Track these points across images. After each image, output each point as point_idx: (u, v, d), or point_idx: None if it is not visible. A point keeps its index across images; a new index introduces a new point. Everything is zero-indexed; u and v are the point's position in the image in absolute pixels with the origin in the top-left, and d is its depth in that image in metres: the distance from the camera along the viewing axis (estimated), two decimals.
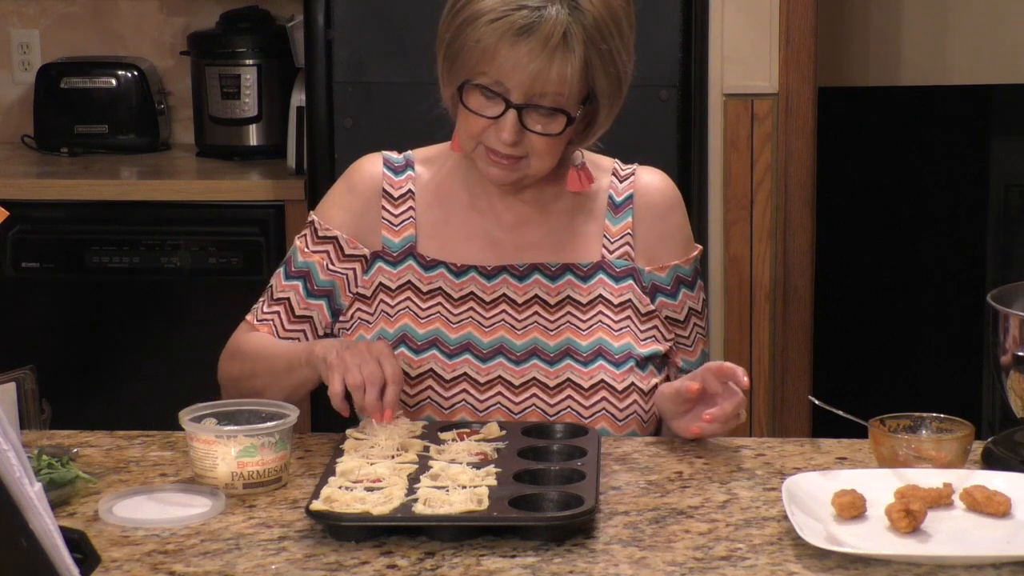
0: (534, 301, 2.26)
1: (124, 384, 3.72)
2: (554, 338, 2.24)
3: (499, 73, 2.12)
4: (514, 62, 2.11)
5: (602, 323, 2.25)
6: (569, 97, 2.14)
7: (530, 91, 2.12)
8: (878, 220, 4.79)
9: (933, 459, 1.97)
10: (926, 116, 4.72)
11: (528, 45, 2.10)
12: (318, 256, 2.29)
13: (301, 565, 1.74)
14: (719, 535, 1.82)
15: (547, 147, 2.17)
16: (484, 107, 2.15)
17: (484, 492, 1.83)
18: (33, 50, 4.28)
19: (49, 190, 3.78)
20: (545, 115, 2.15)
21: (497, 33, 2.11)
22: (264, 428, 1.98)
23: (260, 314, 2.31)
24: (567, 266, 2.27)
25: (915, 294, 4.84)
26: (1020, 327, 1.99)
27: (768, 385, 3.68)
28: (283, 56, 3.99)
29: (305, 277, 2.29)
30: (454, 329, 2.24)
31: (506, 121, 2.14)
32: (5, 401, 2.08)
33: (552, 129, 2.16)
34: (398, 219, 2.29)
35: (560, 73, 2.11)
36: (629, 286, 2.28)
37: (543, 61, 2.11)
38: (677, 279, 2.30)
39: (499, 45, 2.11)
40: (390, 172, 2.31)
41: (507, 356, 2.24)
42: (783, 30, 3.59)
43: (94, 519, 1.89)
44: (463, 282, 2.27)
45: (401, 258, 2.28)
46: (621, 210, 2.30)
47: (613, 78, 2.17)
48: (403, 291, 2.27)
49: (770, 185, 3.62)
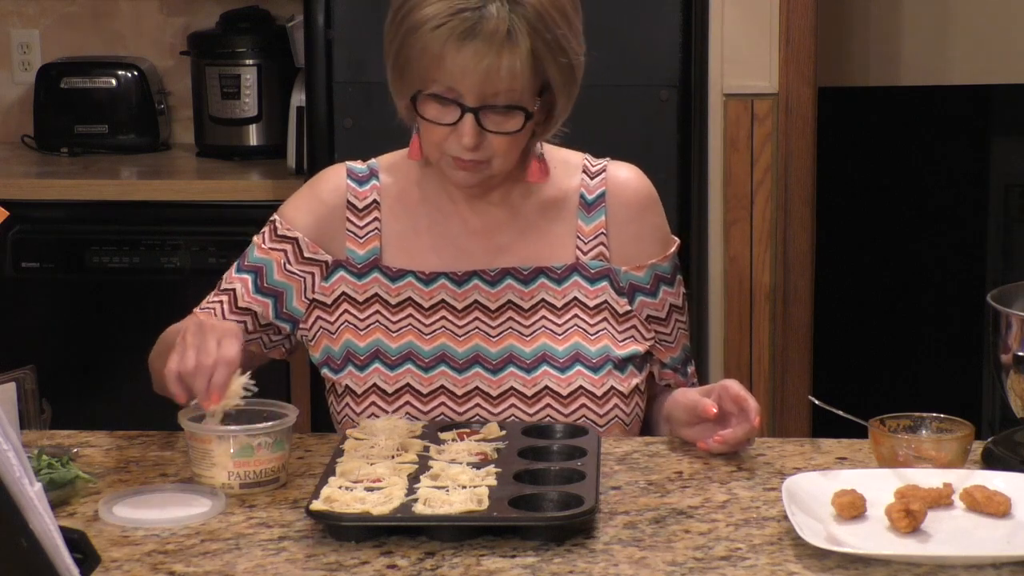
0: (507, 307, 2.24)
1: (124, 384, 3.71)
2: (530, 344, 2.22)
3: (449, 79, 2.10)
4: (462, 66, 2.09)
5: (578, 327, 2.23)
6: (523, 92, 2.12)
7: (483, 92, 2.11)
8: (878, 220, 4.79)
9: (933, 459, 1.97)
10: (926, 116, 4.72)
11: (473, 47, 2.08)
12: (275, 254, 2.26)
13: (301, 565, 1.74)
14: (719, 535, 1.82)
15: (508, 146, 2.15)
16: (440, 115, 2.13)
17: (484, 492, 1.83)
18: (33, 50, 4.28)
19: (49, 190, 3.77)
20: (502, 114, 2.13)
21: (441, 39, 2.09)
22: (261, 428, 1.98)
23: (204, 303, 2.29)
24: (540, 269, 2.25)
25: (915, 294, 4.84)
26: (1020, 327, 1.99)
27: (768, 385, 3.68)
28: (283, 56, 3.98)
29: (257, 272, 2.26)
30: (427, 341, 2.22)
31: (464, 126, 2.12)
32: (5, 401, 2.08)
33: (510, 127, 2.14)
34: (363, 231, 2.26)
35: (509, 70, 2.10)
36: (604, 287, 2.25)
37: (491, 60, 2.09)
38: (656, 277, 2.28)
39: (445, 51, 2.09)
40: (354, 183, 2.28)
41: (483, 365, 2.22)
42: (783, 30, 3.59)
43: (94, 519, 1.89)
44: (432, 290, 2.24)
45: (366, 270, 2.25)
46: (593, 209, 2.27)
47: (564, 66, 2.15)
48: (371, 304, 2.24)
49: (770, 185, 3.62)
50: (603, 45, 3.36)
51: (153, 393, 2.35)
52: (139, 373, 3.80)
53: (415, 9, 2.12)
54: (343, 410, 2.25)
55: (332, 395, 2.28)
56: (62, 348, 3.76)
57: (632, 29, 3.39)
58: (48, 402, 2.36)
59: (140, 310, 3.73)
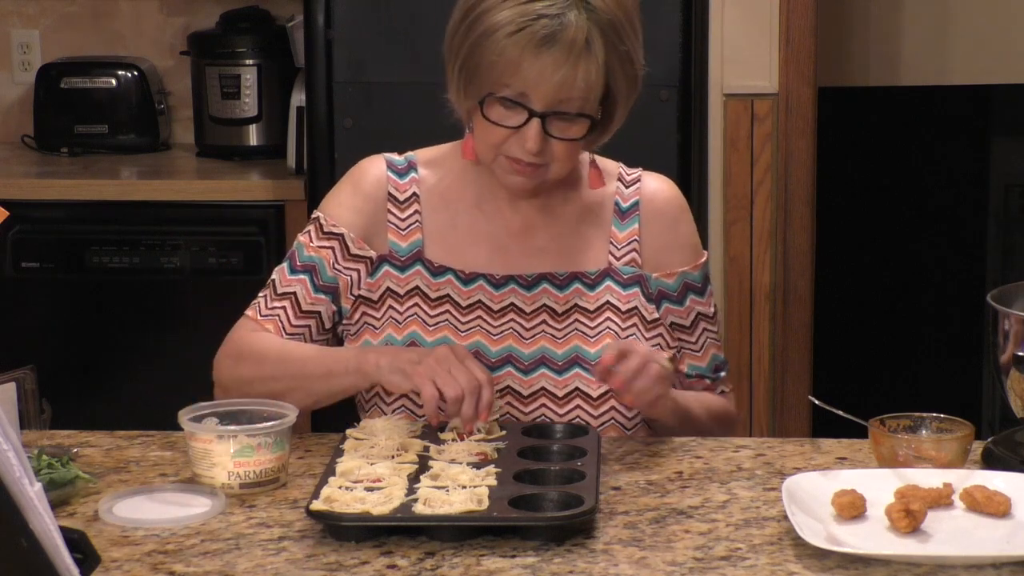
0: (542, 310, 2.25)
1: (124, 384, 3.72)
2: (562, 346, 2.23)
3: (523, 85, 2.10)
4: (539, 73, 2.08)
5: (610, 329, 2.24)
6: (591, 102, 2.13)
7: (554, 99, 2.10)
8: (878, 220, 4.79)
9: (933, 459, 1.97)
10: (926, 116, 4.72)
11: (552, 55, 2.08)
12: (325, 252, 2.25)
13: (301, 565, 1.74)
14: (719, 535, 1.82)
15: (568, 152, 2.16)
16: (505, 117, 2.13)
17: (484, 492, 1.83)
18: (33, 50, 4.28)
19: (49, 190, 3.78)
20: (568, 121, 2.13)
21: (519, 45, 2.08)
22: (261, 428, 1.98)
23: (264, 309, 2.25)
24: (575, 275, 2.26)
25: (915, 294, 4.84)
26: (1020, 327, 1.99)
27: (768, 385, 3.68)
28: (283, 56, 3.98)
29: (312, 271, 2.25)
30: (463, 337, 2.23)
31: (530, 130, 2.11)
32: (5, 401, 2.08)
33: (575, 134, 2.14)
34: (404, 223, 2.26)
35: (586, 79, 2.09)
36: (635, 293, 2.26)
37: (568, 69, 2.08)
38: (685, 285, 2.29)
39: (523, 57, 2.08)
40: (394, 175, 2.28)
41: (515, 365, 2.22)
42: (783, 30, 3.59)
43: (94, 519, 1.89)
44: (471, 290, 2.25)
45: (409, 263, 2.25)
46: (627, 216, 2.28)
47: (631, 77, 2.16)
48: (411, 297, 2.24)
49: (770, 185, 3.63)
50: None
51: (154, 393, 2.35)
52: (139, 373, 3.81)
53: (488, 12, 2.10)
54: (372, 397, 2.23)
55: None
56: (62, 348, 3.77)
57: None
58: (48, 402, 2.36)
59: (140, 310, 3.74)
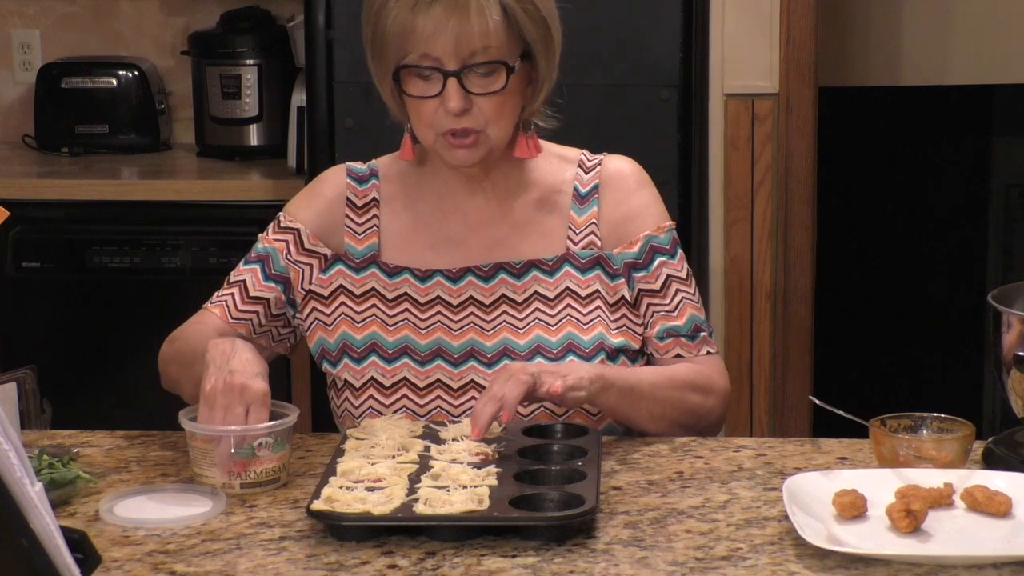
0: (501, 301, 2.25)
1: (124, 384, 3.71)
2: (524, 336, 2.23)
3: (423, 45, 2.12)
4: (433, 26, 2.11)
5: (571, 316, 2.24)
6: (501, 48, 2.14)
7: (459, 53, 2.12)
8: (879, 220, 4.79)
9: (934, 459, 1.97)
10: (927, 116, 4.72)
11: (441, 5, 2.11)
12: (279, 244, 2.29)
13: (302, 565, 1.74)
14: (720, 535, 1.82)
15: (499, 109, 2.16)
16: (424, 88, 2.15)
17: (485, 492, 1.83)
18: (34, 50, 4.28)
19: (49, 190, 3.77)
20: (484, 74, 2.14)
21: (408, 7, 2.12)
22: (262, 428, 1.98)
23: (215, 298, 2.30)
24: (532, 262, 2.26)
25: (916, 294, 4.84)
26: (1020, 327, 1.99)
27: (768, 385, 3.68)
28: (283, 56, 3.99)
29: (264, 261, 2.29)
30: (423, 335, 2.24)
31: (449, 91, 2.13)
32: (6, 401, 2.08)
33: (495, 85, 2.15)
34: (361, 227, 2.29)
35: (481, 25, 2.11)
36: (596, 276, 2.26)
37: (460, 16, 2.11)
38: (652, 249, 2.27)
39: (414, 18, 2.11)
40: (354, 182, 2.32)
41: (478, 359, 2.23)
42: (783, 30, 3.59)
43: (95, 519, 1.89)
44: (428, 287, 2.26)
45: (364, 265, 2.28)
46: (587, 200, 2.28)
47: (539, 21, 2.16)
48: (368, 298, 2.26)
49: (770, 185, 3.62)
50: (603, 45, 3.38)
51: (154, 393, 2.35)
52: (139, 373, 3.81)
53: None
54: (343, 404, 2.27)
55: (332, 390, 2.30)
56: (63, 348, 3.76)
57: (632, 29, 3.39)
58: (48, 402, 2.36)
59: (140, 310, 3.74)
